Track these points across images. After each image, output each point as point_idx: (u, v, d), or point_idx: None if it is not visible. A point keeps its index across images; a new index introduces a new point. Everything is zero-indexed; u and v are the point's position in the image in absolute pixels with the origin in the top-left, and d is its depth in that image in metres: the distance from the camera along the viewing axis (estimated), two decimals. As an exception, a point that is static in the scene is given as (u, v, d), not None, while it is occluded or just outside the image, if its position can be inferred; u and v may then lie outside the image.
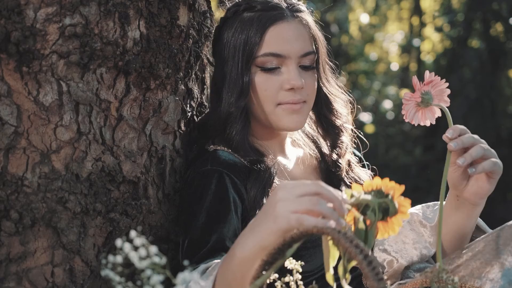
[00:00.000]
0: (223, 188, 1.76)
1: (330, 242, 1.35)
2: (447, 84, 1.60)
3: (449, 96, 1.61)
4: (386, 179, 1.39)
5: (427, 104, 1.58)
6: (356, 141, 2.08)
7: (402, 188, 1.37)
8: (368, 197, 1.37)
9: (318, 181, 1.35)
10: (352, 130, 2.06)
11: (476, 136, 1.61)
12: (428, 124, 1.59)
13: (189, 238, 1.72)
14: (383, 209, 1.37)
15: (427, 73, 1.58)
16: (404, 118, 1.59)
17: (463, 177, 1.69)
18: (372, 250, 1.42)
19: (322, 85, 1.96)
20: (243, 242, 1.38)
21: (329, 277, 1.36)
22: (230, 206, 1.74)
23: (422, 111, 1.58)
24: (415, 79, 1.56)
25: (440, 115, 1.61)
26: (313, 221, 1.29)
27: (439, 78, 1.59)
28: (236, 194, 1.77)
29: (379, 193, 1.39)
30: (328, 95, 1.98)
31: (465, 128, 1.62)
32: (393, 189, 1.38)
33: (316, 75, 1.92)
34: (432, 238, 1.90)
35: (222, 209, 1.74)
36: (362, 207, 1.37)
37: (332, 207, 1.31)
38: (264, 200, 1.77)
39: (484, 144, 1.63)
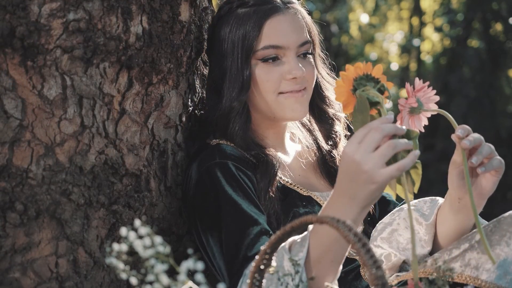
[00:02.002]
0: (234, 176, 1.79)
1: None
2: (435, 91, 1.62)
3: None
4: (357, 65, 1.53)
5: (418, 111, 1.60)
6: (351, 134, 2.10)
7: (378, 68, 1.52)
8: (374, 92, 1.50)
9: (375, 126, 1.46)
10: (345, 118, 2.08)
11: (481, 136, 1.63)
12: (417, 132, 1.60)
13: (224, 234, 1.74)
14: (379, 91, 1.51)
15: (416, 80, 1.61)
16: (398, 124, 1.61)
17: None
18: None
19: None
20: (347, 211, 1.50)
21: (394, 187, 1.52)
22: (247, 190, 1.78)
23: (412, 118, 1.60)
24: (408, 86, 1.59)
25: (427, 123, 1.63)
26: (409, 160, 1.44)
27: (427, 86, 1.62)
28: (249, 181, 1.80)
29: (368, 79, 1.52)
30: (320, 83, 2.01)
31: (469, 128, 1.63)
32: (374, 70, 1.52)
33: (313, 62, 1.95)
34: (427, 236, 1.91)
35: (242, 195, 1.77)
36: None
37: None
38: (270, 192, 1.81)
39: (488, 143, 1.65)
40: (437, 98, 1.62)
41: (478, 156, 1.60)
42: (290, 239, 1.63)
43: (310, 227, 1.60)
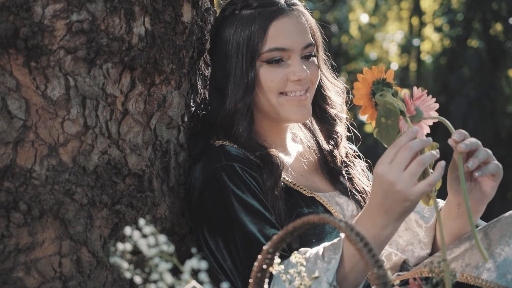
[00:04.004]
0: (241, 178, 1.80)
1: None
2: (434, 99, 1.64)
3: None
4: (374, 69, 1.58)
5: (418, 119, 1.61)
6: (351, 134, 2.12)
7: (390, 72, 1.59)
8: (396, 100, 1.57)
9: (403, 144, 1.53)
10: (347, 119, 2.09)
11: (478, 140, 1.64)
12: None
13: (238, 236, 1.76)
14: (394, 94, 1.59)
15: (415, 89, 1.62)
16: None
17: (465, 183, 1.70)
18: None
19: None
20: (383, 224, 1.60)
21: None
22: (255, 191, 1.79)
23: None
24: (406, 95, 1.60)
25: (429, 131, 1.64)
26: (438, 174, 1.53)
27: (426, 94, 1.63)
28: (255, 183, 1.81)
29: (384, 84, 1.58)
30: (323, 83, 2.02)
31: (466, 132, 1.64)
32: (387, 75, 1.60)
33: (317, 62, 1.96)
34: (426, 238, 1.92)
35: (251, 196, 1.78)
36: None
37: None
38: (276, 192, 1.82)
39: (485, 148, 1.65)
40: (437, 105, 1.64)
41: (474, 160, 1.61)
42: (321, 246, 1.65)
43: (343, 234, 1.62)
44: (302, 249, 1.70)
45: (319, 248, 1.66)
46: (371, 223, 1.61)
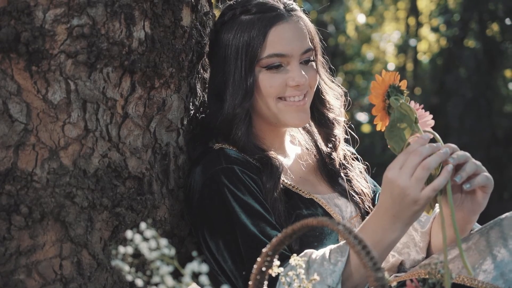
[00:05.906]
0: (241, 180, 1.81)
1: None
2: (431, 116, 1.65)
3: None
4: (392, 74, 1.61)
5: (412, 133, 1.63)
6: (349, 137, 2.13)
7: (404, 82, 1.62)
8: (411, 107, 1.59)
9: (413, 150, 1.57)
10: (345, 122, 2.10)
11: (467, 153, 1.65)
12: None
13: (240, 237, 1.77)
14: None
15: (412, 103, 1.64)
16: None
17: (457, 195, 1.71)
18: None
19: None
20: (392, 228, 1.63)
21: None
22: (255, 193, 1.81)
23: None
24: None
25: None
26: (443, 178, 1.56)
27: (423, 110, 1.65)
28: (255, 185, 1.82)
29: (397, 90, 1.62)
30: (321, 87, 2.03)
31: (456, 146, 1.65)
32: (400, 82, 1.63)
33: (315, 67, 1.97)
34: (422, 243, 1.93)
35: (251, 198, 1.80)
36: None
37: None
38: (275, 194, 1.83)
39: (474, 160, 1.66)
40: (432, 123, 1.65)
41: (462, 173, 1.61)
42: (328, 248, 1.68)
43: None
44: (308, 251, 1.72)
45: (326, 250, 1.68)
46: (379, 226, 1.64)
